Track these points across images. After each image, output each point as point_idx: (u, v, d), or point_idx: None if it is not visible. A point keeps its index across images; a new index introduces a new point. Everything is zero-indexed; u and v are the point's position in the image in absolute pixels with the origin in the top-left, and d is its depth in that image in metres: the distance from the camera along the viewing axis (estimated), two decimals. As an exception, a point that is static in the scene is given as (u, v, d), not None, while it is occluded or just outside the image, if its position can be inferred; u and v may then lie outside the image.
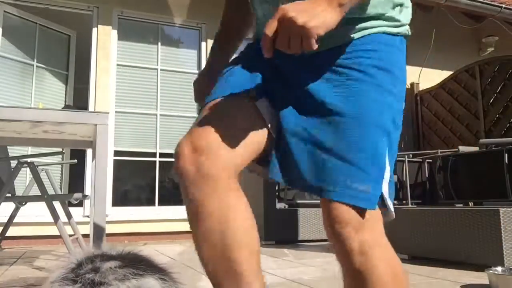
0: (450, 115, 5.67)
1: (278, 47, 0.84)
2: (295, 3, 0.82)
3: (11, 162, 3.34)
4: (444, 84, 5.80)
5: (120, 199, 5.00)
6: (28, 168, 3.01)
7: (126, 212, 4.77)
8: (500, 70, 5.07)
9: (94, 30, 4.90)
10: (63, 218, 2.93)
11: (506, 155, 3.28)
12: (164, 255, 3.42)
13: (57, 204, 2.99)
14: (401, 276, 0.96)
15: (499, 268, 2.21)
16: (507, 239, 2.50)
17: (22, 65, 4.91)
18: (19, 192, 3.63)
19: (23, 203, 3.43)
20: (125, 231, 4.56)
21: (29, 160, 3.10)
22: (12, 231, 3.52)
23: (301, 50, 0.83)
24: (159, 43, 5.28)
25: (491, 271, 2.16)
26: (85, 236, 3.18)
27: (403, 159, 4.39)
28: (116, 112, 4.93)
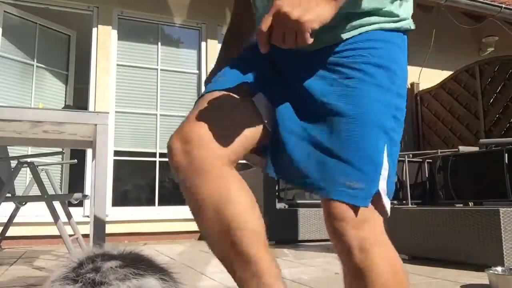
0: (450, 115, 5.67)
1: (273, 42, 0.84)
2: None
3: (11, 162, 3.34)
4: (444, 84, 5.80)
5: (120, 199, 5.00)
6: (28, 168, 3.01)
7: (126, 212, 4.77)
8: (500, 70, 5.08)
9: (94, 30, 4.90)
10: (63, 218, 2.93)
11: (506, 155, 3.29)
12: (164, 255, 3.42)
13: (57, 204, 2.99)
14: (401, 274, 0.96)
15: (499, 268, 2.21)
16: (507, 239, 2.50)
17: (22, 65, 4.91)
18: (19, 192, 3.63)
19: (23, 203, 3.43)
20: (125, 231, 4.57)
21: (29, 160, 3.10)
22: (12, 231, 3.52)
23: (296, 45, 0.83)
24: (159, 43, 5.28)
25: (491, 271, 2.16)
26: (85, 236, 3.18)
27: (403, 159, 4.39)
28: (116, 112, 4.93)
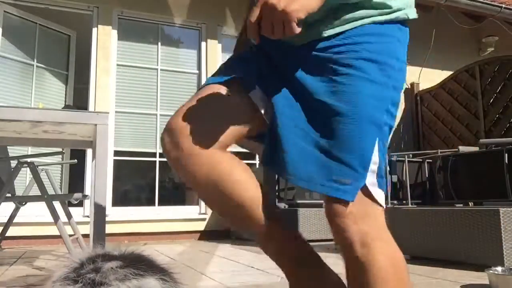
0: (450, 115, 5.67)
1: (262, 33, 0.86)
2: None
3: (11, 162, 3.34)
4: (444, 84, 5.80)
5: (120, 199, 5.00)
6: (28, 168, 3.01)
7: (126, 212, 4.77)
8: (500, 70, 5.07)
9: (94, 30, 4.90)
10: (63, 218, 2.93)
11: (506, 155, 3.28)
12: (164, 255, 3.41)
13: (57, 204, 2.99)
14: (402, 270, 0.97)
15: (499, 268, 2.20)
16: (507, 239, 2.50)
17: (22, 65, 4.91)
18: (19, 192, 3.63)
19: (23, 203, 3.43)
20: (125, 231, 4.57)
21: (29, 160, 3.10)
22: (12, 231, 3.52)
23: (284, 35, 0.85)
24: (159, 43, 5.28)
25: (491, 271, 2.16)
26: (85, 236, 3.18)
27: (403, 159, 4.39)
28: (116, 112, 4.93)
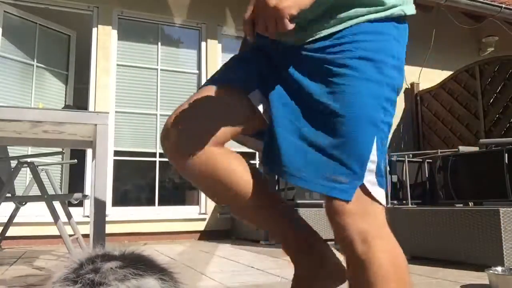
0: (450, 115, 5.67)
1: (257, 30, 0.89)
2: None
3: (11, 162, 3.34)
4: (444, 84, 5.80)
5: (120, 199, 5.00)
6: (28, 168, 3.01)
7: (126, 212, 4.77)
8: (500, 70, 5.07)
9: (94, 30, 4.90)
10: (63, 218, 2.93)
11: (506, 155, 3.28)
12: (164, 255, 3.41)
13: (57, 204, 2.99)
14: (403, 268, 0.97)
15: (499, 268, 2.20)
16: (507, 239, 2.50)
17: (22, 65, 4.91)
18: (19, 192, 3.63)
19: (23, 203, 3.43)
20: (125, 231, 4.56)
21: (29, 160, 3.10)
22: (12, 231, 3.52)
23: (277, 32, 0.86)
24: (159, 43, 5.28)
25: (491, 271, 2.16)
26: (85, 236, 3.18)
27: (403, 159, 4.39)
28: (116, 112, 4.93)
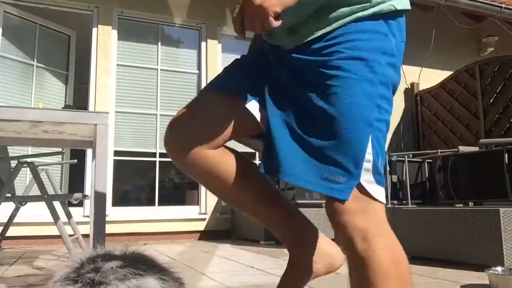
0: (450, 115, 5.67)
1: (246, 28, 0.93)
2: None
3: (11, 162, 3.34)
4: (444, 84, 5.80)
5: (120, 199, 5.00)
6: (28, 168, 3.01)
7: (126, 212, 4.77)
8: (500, 70, 5.07)
9: (94, 30, 4.90)
10: (63, 218, 2.93)
11: (506, 155, 3.29)
12: (164, 255, 3.41)
13: (57, 204, 2.99)
14: (403, 265, 0.97)
15: (499, 268, 2.20)
16: (507, 239, 2.50)
17: (22, 65, 4.91)
18: (19, 192, 3.63)
19: (23, 203, 3.43)
20: (125, 231, 4.56)
21: (29, 160, 3.10)
22: (12, 231, 3.52)
23: (263, 29, 0.90)
24: (159, 43, 5.28)
25: (491, 271, 2.16)
26: (85, 236, 3.18)
27: (403, 159, 4.39)
28: (116, 112, 4.93)
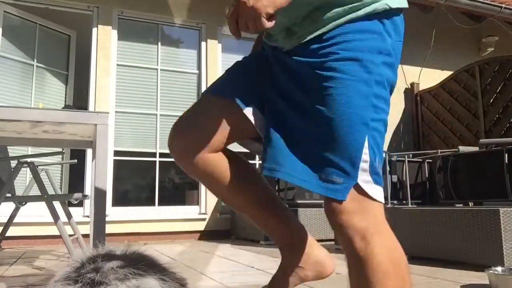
0: (450, 115, 5.67)
1: (240, 29, 0.95)
2: None
3: (11, 162, 3.34)
4: (444, 84, 5.80)
5: (120, 199, 5.00)
6: (28, 168, 3.01)
7: (126, 212, 4.77)
8: (500, 70, 5.07)
9: (94, 30, 4.90)
10: (63, 218, 2.93)
11: (506, 155, 3.28)
12: (164, 255, 3.41)
13: (57, 204, 2.99)
14: (402, 264, 0.97)
15: (499, 268, 2.20)
16: (507, 239, 2.50)
17: (22, 65, 4.91)
18: (19, 192, 3.63)
19: (23, 203, 3.43)
20: (125, 231, 4.56)
21: (29, 160, 3.10)
22: (12, 231, 3.52)
23: (257, 30, 0.92)
24: (159, 43, 5.28)
25: (491, 271, 2.16)
26: (85, 236, 3.18)
27: (403, 159, 4.39)
28: (116, 112, 4.93)
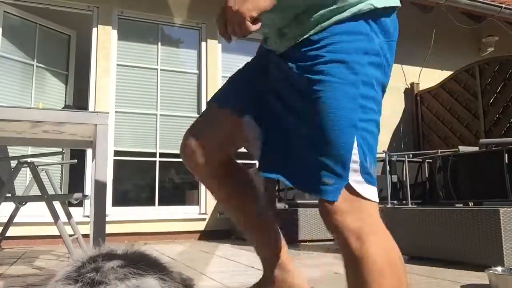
0: (450, 115, 5.67)
1: (228, 32, 0.99)
2: None
3: (11, 162, 3.34)
4: (444, 84, 5.80)
5: (120, 199, 5.00)
6: (28, 168, 3.01)
7: (126, 212, 4.77)
8: (500, 70, 5.07)
9: (94, 30, 4.90)
10: (63, 218, 2.93)
11: (506, 155, 3.28)
12: (164, 255, 3.41)
13: (57, 204, 2.99)
14: (397, 263, 0.97)
15: (499, 268, 2.20)
16: (507, 239, 2.50)
17: (22, 65, 4.91)
18: (19, 192, 3.63)
19: (23, 203, 3.43)
20: (125, 231, 4.56)
21: (29, 160, 3.10)
22: (12, 231, 3.52)
23: (243, 33, 0.95)
24: (159, 43, 5.28)
25: (491, 271, 2.15)
26: (85, 236, 3.18)
27: (403, 159, 4.39)
28: (116, 112, 4.93)
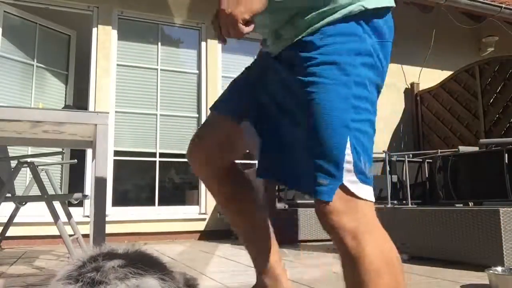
0: (450, 115, 5.67)
1: (223, 34, 1.00)
2: None
3: (11, 162, 3.34)
4: (444, 84, 5.80)
5: (120, 199, 5.00)
6: (28, 168, 3.01)
7: (126, 212, 4.77)
8: (500, 70, 5.07)
9: (94, 30, 4.90)
10: (63, 218, 2.93)
11: (506, 155, 3.28)
12: (164, 255, 3.41)
13: (57, 204, 2.99)
14: (394, 262, 0.97)
15: (499, 268, 2.20)
16: (507, 239, 2.50)
17: (22, 65, 4.91)
18: (19, 192, 3.63)
19: (23, 203, 3.43)
20: (125, 231, 4.56)
21: (29, 160, 3.10)
22: (12, 231, 3.52)
23: (237, 36, 0.96)
24: (159, 43, 5.28)
25: (491, 271, 2.16)
26: (85, 236, 3.18)
27: (403, 159, 4.39)
28: (116, 112, 4.93)
